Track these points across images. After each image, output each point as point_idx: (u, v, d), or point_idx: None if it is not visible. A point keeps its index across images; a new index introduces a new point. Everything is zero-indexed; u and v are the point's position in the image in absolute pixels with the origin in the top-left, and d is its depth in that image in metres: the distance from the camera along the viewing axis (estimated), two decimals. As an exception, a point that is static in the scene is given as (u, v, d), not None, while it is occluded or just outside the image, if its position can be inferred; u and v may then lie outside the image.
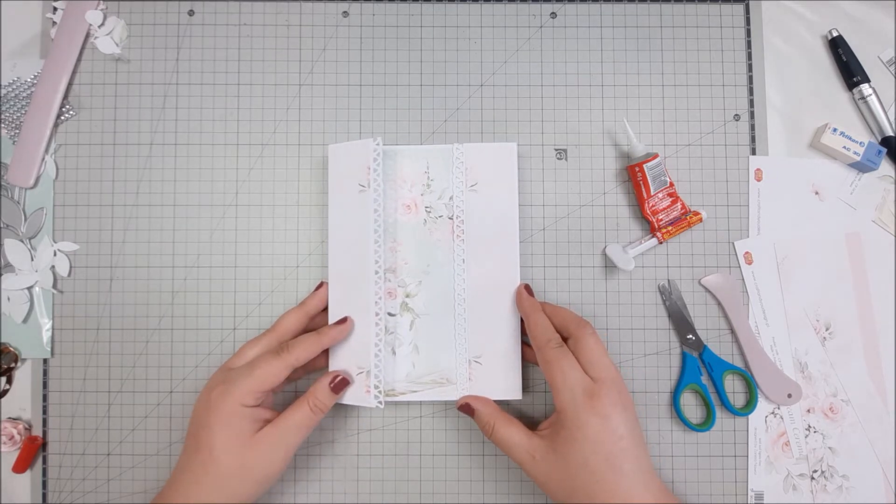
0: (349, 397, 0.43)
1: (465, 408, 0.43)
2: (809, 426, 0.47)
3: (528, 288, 0.44)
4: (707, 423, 0.46)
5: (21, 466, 0.46)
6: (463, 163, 0.46)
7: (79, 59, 0.49)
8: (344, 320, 0.43)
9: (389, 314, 0.45)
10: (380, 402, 0.43)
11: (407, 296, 0.45)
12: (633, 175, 0.47)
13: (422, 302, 0.45)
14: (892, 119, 0.49)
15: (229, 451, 0.38)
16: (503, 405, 0.46)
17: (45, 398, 0.47)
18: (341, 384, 0.42)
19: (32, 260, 0.47)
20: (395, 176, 0.46)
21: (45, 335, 0.47)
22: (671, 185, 0.47)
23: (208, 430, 0.38)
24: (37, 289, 0.47)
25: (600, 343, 0.40)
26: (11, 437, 0.46)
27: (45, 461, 0.47)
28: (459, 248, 0.45)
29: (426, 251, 0.46)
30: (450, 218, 0.46)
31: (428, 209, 0.46)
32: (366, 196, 0.44)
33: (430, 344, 0.45)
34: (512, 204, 0.45)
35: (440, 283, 0.45)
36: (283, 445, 0.39)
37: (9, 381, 0.47)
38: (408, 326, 0.45)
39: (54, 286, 0.47)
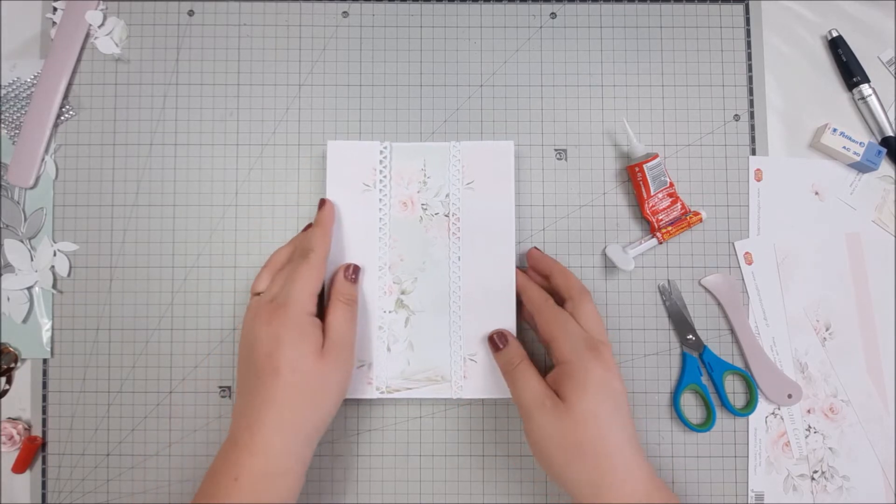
0: (350, 391, 0.44)
1: (499, 336, 0.43)
2: (809, 426, 0.47)
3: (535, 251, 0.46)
4: (707, 423, 0.46)
5: (21, 466, 0.46)
6: (460, 160, 0.46)
7: (79, 59, 0.49)
8: (323, 202, 0.44)
9: (385, 311, 0.45)
10: (382, 392, 0.44)
11: (402, 292, 0.45)
12: (633, 175, 0.47)
13: (417, 299, 0.45)
14: (892, 119, 0.49)
15: (308, 364, 0.38)
16: (496, 402, 0.46)
17: (44, 398, 0.47)
18: (355, 272, 0.44)
19: (32, 260, 0.47)
20: (392, 173, 0.46)
21: (45, 335, 0.47)
22: (671, 185, 0.47)
23: (282, 350, 0.38)
24: (37, 289, 0.47)
25: (598, 312, 0.41)
26: (11, 438, 0.46)
27: (44, 461, 0.47)
28: (455, 246, 0.45)
29: (422, 248, 0.46)
30: (446, 215, 0.46)
31: (424, 206, 0.46)
32: (370, 195, 0.45)
33: (424, 341, 0.45)
34: (508, 202, 0.45)
35: (436, 280, 0.45)
36: (347, 343, 0.41)
37: (9, 381, 0.47)
38: (403, 323, 0.45)
39: (54, 286, 0.47)
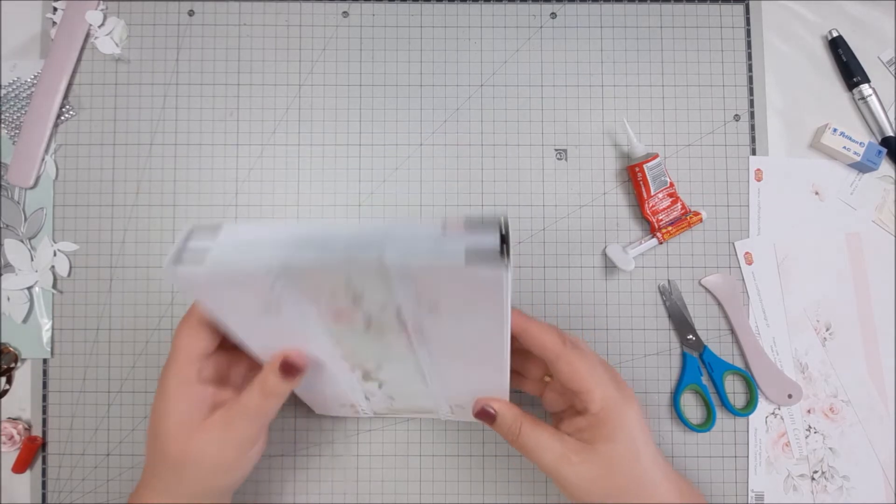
0: (338, 410, 0.43)
1: (484, 414, 0.37)
2: (810, 427, 0.47)
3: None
4: (707, 423, 0.46)
5: (21, 466, 0.46)
6: (408, 277, 0.27)
7: (79, 59, 0.49)
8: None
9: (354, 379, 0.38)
10: (369, 415, 0.44)
11: (365, 373, 0.36)
12: (633, 175, 0.47)
13: (386, 376, 0.37)
14: (892, 119, 0.49)
15: (177, 435, 0.34)
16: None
17: (44, 398, 0.47)
18: (290, 371, 0.33)
19: (32, 260, 0.47)
20: (303, 297, 0.29)
21: (45, 335, 0.47)
22: (671, 185, 0.47)
23: (157, 415, 0.35)
24: (37, 289, 0.47)
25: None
26: (11, 437, 0.46)
27: (44, 461, 0.47)
28: (425, 361, 0.34)
29: (378, 352, 0.34)
30: (403, 329, 0.31)
31: (367, 318, 0.30)
32: (279, 320, 0.30)
33: (403, 398, 0.40)
34: (499, 330, 0.30)
35: (403, 370, 0.35)
36: (234, 430, 0.34)
37: (9, 381, 0.47)
38: (377, 387, 0.38)
39: (54, 286, 0.47)
